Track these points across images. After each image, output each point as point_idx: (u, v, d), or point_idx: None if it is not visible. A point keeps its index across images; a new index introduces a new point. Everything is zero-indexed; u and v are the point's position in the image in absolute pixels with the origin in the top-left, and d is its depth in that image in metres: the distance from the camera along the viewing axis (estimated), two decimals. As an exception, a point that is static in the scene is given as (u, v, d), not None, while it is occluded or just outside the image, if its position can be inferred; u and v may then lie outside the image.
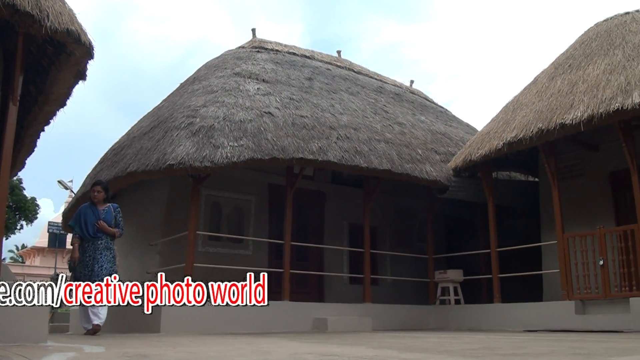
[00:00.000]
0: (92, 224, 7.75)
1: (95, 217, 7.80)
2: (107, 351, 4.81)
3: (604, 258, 9.97)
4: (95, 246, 7.71)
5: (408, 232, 14.54)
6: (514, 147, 11.05)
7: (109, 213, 7.91)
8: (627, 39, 11.02)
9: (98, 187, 8.08)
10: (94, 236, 7.73)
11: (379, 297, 12.34)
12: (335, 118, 12.07)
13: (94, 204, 7.97)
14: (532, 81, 12.68)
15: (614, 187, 11.64)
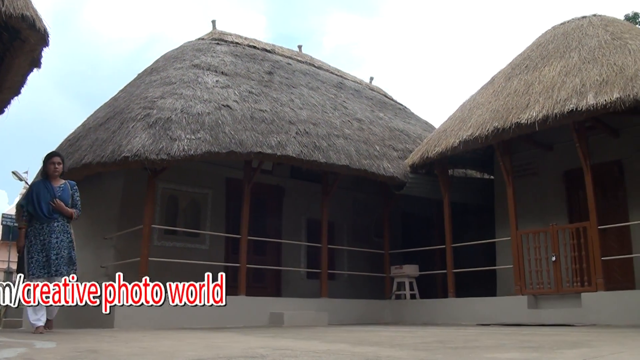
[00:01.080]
0: (46, 202, 6.95)
1: (51, 194, 7.02)
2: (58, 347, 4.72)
3: (556, 254, 10.26)
4: (51, 228, 6.94)
5: (365, 228, 14.65)
6: (470, 145, 11.24)
7: (65, 191, 7.18)
8: (583, 42, 11.30)
9: (57, 158, 7.33)
10: (49, 216, 6.95)
11: (336, 292, 12.43)
12: (294, 113, 12.06)
13: (48, 179, 7.17)
14: (489, 81, 12.90)
15: (568, 185, 11.97)
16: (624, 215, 10.89)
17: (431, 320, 11.48)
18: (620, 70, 9.65)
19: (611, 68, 9.84)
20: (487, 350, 4.36)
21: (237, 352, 4.17)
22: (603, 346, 4.62)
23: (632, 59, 9.77)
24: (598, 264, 9.68)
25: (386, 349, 4.47)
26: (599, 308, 9.40)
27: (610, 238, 10.83)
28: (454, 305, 11.54)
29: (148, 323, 8.73)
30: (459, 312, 11.26)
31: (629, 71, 9.50)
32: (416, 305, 12.31)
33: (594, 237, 9.82)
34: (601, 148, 11.12)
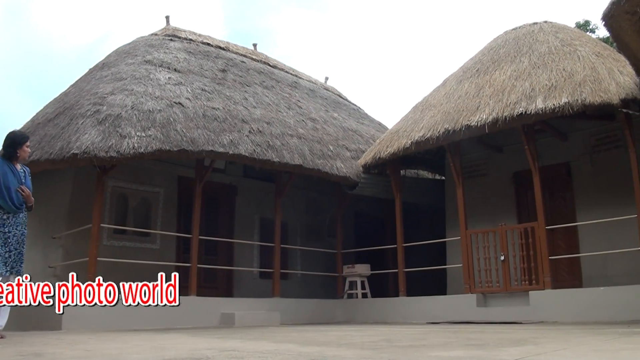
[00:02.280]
0: (15, 188, 6.07)
1: (17, 180, 6.17)
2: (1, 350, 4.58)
3: (505, 254, 10.47)
4: (17, 220, 6.17)
5: (318, 227, 14.67)
6: (422, 146, 11.37)
7: (26, 176, 6.36)
8: (533, 47, 11.55)
9: (28, 142, 6.57)
10: (19, 206, 6.13)
11: (289, 292, 12.39)
12: (248, 111, 11.97)
13: (10, 161, 6.22)
14: (441, 83, 13.07)
15: (517, 186, 12.23)
16: (571, 215, 11.19)
17: (382, 319, 11.56)
18: (569, 76, 9.91)
19: (560, 73, 10.10)
20: (432, 348, 4.40)
21: (183, 354, 4.12)
22: (547, 343, 4.71)
23: (581, 65, 10.04)
24: (546, 263, 9.94)
25: (333, 349, 4.47)
26: (547, 306, 9.65)
27: (558, 238, 11.11)
28: (405, 304, 11.66)
29: (97, 325, 8.53)
30: (410, 311, 11.37)
31: (577, 77, 9.76)
32: (367, 304, 12.39)
33: (542, 236, 10.06)
34: (550, 150, 11.39)
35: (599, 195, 10.85)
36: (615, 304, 8.91)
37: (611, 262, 10.23)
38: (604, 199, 10.70)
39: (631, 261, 9.67)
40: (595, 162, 11.20)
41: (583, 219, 10.84)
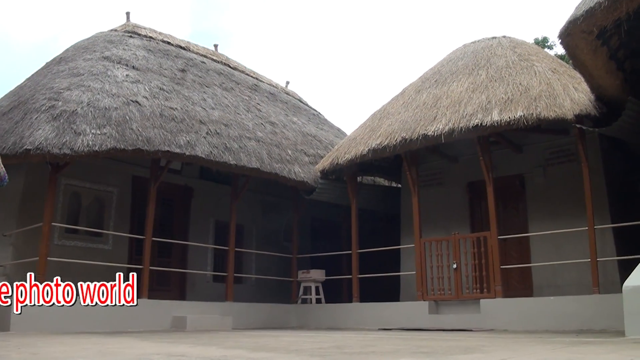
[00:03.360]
0: None
1: None
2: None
3: (457, 262, 10.62)
4: None
5: (275, 232, 14.62)
6: (379, 154, 11.45)
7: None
8: (491, 61, 11.76)
9: None
10: None
11: (243, 296, 12.31)
12: (206, 112, 11.86)
13: None
14: (400, 92, 13.17)
15: (471, 196, 12.40)
16: (524, 226, 11.40)
17: (336, 324, 11.57)
18: (525, 90, 10.11)
19: (517, 87, 10.31)
20: (382, 355, 4.41)
21: (130, 358, 4.04)
22: (495, 351, 4.77)
23: (537, 80, 10.26)
24: (497, 272, 10.12)
25: (282, 355, 4.45)
26: (497, 314, 9.83)
27: (510, 247, 11.30)
28: (358, 310, 11.70)
29: (46, 326, 8.30)
30: (363, 317, 11.42)
31: (533, 91, 9.97)
32: (321, 309, 12.40)
33: (494, 246, 10.24)
34: (504, 162, 11.59)
35: (551, 207, 11.09)
36: (565, 313, 9.12)
37: (561, 272, 10.47)
38: (555, 210, 10.94)
39: (580, 272, 9.91)
40: (549, 175, 11.44)
41: (535, 229, 11.06)
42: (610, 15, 6.85)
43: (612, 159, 11.27)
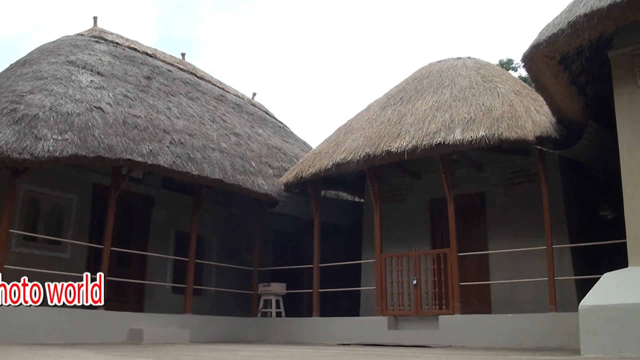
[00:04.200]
0: None
1: None
2: None
3: (417, 278, 10.69)
4: None
5: (236, 244, 14.48)
6: (343, 169, 11.50)
7: None
8: (455, 81, 11.94)
9: None
10: None
11: (202, 308, 12.14)
12: (170, 121, 11.73)
13: None
14: (365, 108, 13.28)
15: (432, 213, 12.50)
16: (483, 243, 11.55)
17: (295, 339, 11.51)
18: (488, 111, 10.29)
19: (480, 108, 10.48)
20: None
21: (81, 372, 3.94)
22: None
23: (500, 102, 10.46)
24: (456, 288, 10.23)
25: (240, 372, 4.40)
26: (455, 330, 9.92)
27: (469, 264, 11.41)
28: (318, 324, 11.67)
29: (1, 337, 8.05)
30: (323, 332, 11.39)
31: (496, 112, 10.15)
32: (281, 323, 12.32)
33: (453, 263, 10.36)
34: (466, 180, 11.72)
35: (511, 226, 11.25)
36: (522, 330, 9.25)
37: (519, 290, 10.61)
38: (515, 229, 11.11)
39: (538, 290, 10.05)
40: (509, 194, 11.61)
41: (494, 247, 11.21)
42: (572, 42, 7.04)
43: (571, 180, 11.52)
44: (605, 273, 6.96)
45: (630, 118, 7.25)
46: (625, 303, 6.12)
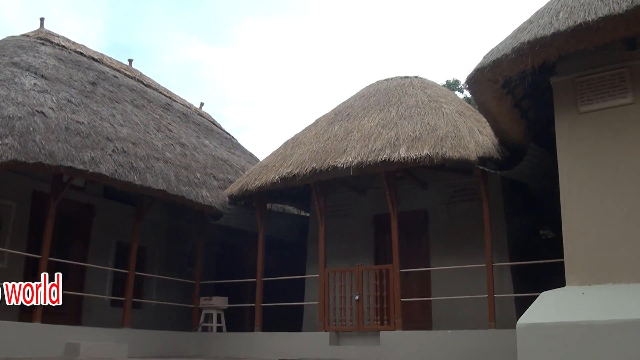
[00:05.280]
0: None
1: None
2: None
3: (359, 293, 10.74)
4: None
5: (179, 256, 14.17)
6: (289, 182, 11.51)
7: None
8: (402, 99, 12.16)
9: None
10: None
11: (142, 322, 11.81)
12: (114, 129, 11.45)
13: None
14: (313, 123, 13.36)
15: (376, 229, 12.65)
16: (425, 260, 11.74)
17: (236, 354, 11.37)
18: (432, 130, 10.49)
19: (424, 127, 10.68)
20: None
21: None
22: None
23: (444, 121, 10.68)
24: (397, 304, 10.34)
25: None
26: (396, 346, 10.02)
27: (412, 280, 11.55)
28: (259, 339, 11.57)
29: None
30: (264, 347, 11.29)
31: (440, 131, 10.36)
32: (222, 338, 12.14)
33: (395, 279, 10.49)
34: (410, 197, 11.89)
35: (453, 243, 11.46)
36: (462, 347, 9.44)
37: (460, 306, 10.76)
38: (457, 246, 11.32)
39: (478, 306, 10.19)
40: (451, 211, 11.84)
41: (436, 264, 11.39)
42: (516, 67, 7.27)
43: (513, 199, 11.83)
44: (543, 292, 7.15)
45: (570, 143, 7.50)
46: (561, 321, 6.27)
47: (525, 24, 7.52)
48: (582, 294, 6.75)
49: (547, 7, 7.54)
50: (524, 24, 7.51)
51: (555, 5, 7.36)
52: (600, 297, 6.58)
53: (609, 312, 6.17)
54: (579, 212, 7.24)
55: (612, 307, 6.30)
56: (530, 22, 7.44)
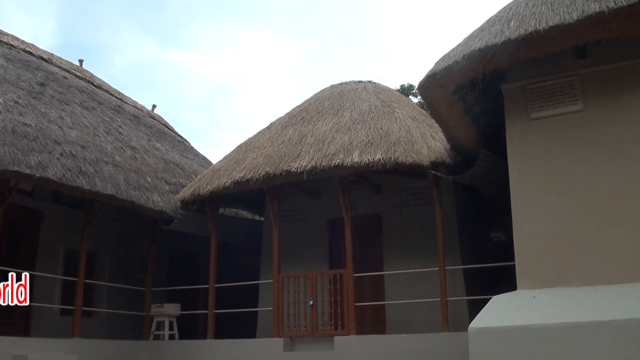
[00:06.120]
0: None
1: None
2: None
3: (314, 299, 10.70)
4: None
5: (130, 261, 13.81)
6: (242, 187, 11.39)
7: None
8: (355, 104, 12.21)
9: None
10: None
11: (92, 331, 11.48)
12: (62, 132, 11.13)
13: None
14: (267, 126, 13.28)
15: (331, 233, 12.66)
16: (379, 264, 11.83)
17: (188, 362, 11.20)
18: (385, 135, 10.55)
19: (377, 131, 10.73)
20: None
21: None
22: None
23: (397, 127, 10.75)
24: (351, 309, 10.35)
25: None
26: (350, 351, 10.02)
27: (366, 284, 11.60)
28: (212, 347, 11.39)
29: None
30: (217, 354, 11.14)
31: (393, 136, 10.41)
32: (174, 346, 11.89)
33: (349, 284, 10.50)
34: (363, 201, 11.95)
35: (406, 247, 11.57)
36: (416, 350, 9.50)
37: (414, 309, 10.84)
38: (410, 250, 11.43)
39: (432, 309, 10.32)
40: (404, 215, 11.94)
41: (390, 268, 11.47)
42: (467, 74, 7.35)
43: (466, 203, 11.99)
44: (494, 296, 7.23)
45: (520, 150, 7.63)
46: (512, 325, 6.35)
47: (477, 31, 7.61)
48: (533, 297, 6.87)
49: (499, 14, 7.65)
50: (476, 32, 7.60)
51: (507, 13, 7.47)
52: (551, 301, 6.70)
53: (559, 315, 6.28)
54: (529, 217, 7.37)
55: (562, 310, 6.42)
56: (482, 29, 7.54)
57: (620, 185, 6.95)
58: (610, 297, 6.40)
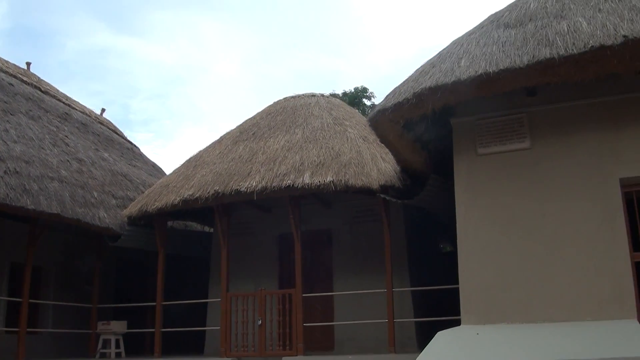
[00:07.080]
0: None
1: None
2: None
3: (262, 318, 10.66)
4: None
5: (77, 274, 13.43)
6: (190, 205, 11.23)
7: None
8: (308, 121, 12.15)
9: None
10: None
11: (38, 350, 11.19)
12: (7, 147, 10.72)
13: None
14: (217, 140, 13.11)
15: (281, 248, 12.58)
16: (329, 280, 11.87)
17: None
18: (336, 155, 10.56)
19: (329, 152, 10.73)
20: None
21: None
22: None
23: (349, 147, 10.77)
24: (300, 329, 10.38)
25: None
26: (298, 371, 9.97)
27: (315, 302, 11.50)
28: (160, 365, 11.25)
29: None
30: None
31: (344, 157, 10.44)
32: (121, 364, 11.71)
33: (298, 304, 10.50)
34: (314, 217, 11.91)
35: (355, 264, 11.65)
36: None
37: (362, 328, 10.88)
38: (359, 267, 11.52)
39: (380, 328, 10.37)
40: (354, 232, 11.98)
41: (340, 284, 11.54)
42: (417, 111, 7.37)
43: (415, 223, 12.07)
44: (439, 332, 7.30)
45: (468, 184, 7.69)
46: (454, 365, 6.43)
47: (427, 66, 7.61)
48: (476, 334, 6.94)
49: (449, 51, 7.67)
50: (427, 67, 7.60)
51: (458, 50, 7.50)
52: (493, 338, 6.78)
53: (500, 354, 6.36)
54: (474, 253, 7.44)
55: (504, 349, 6.51)
56: (433, 65, 7.55)
57: (564, 224, 7.06)
58: (550, 336, 6.52)
